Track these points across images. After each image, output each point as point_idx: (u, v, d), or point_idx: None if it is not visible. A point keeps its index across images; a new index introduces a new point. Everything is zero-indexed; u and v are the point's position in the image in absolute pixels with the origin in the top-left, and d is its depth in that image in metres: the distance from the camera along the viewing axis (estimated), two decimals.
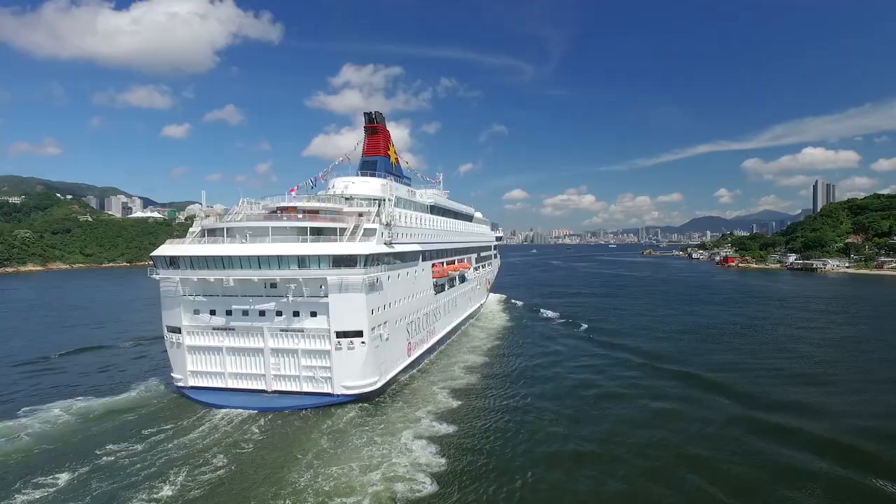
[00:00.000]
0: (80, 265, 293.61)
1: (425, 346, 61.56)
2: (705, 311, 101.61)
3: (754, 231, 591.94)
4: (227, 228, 49.56)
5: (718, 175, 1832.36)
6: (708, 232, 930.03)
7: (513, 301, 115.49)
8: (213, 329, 48.39)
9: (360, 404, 44.75)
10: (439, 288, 69.17)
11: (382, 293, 49.10)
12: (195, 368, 49.18)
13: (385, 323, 49.51)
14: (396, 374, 52.10)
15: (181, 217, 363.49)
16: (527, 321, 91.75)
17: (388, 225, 51.44)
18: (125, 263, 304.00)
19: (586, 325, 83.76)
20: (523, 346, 71.56)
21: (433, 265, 67.18)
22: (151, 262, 49.65)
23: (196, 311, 48.67)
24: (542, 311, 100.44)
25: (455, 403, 45.38)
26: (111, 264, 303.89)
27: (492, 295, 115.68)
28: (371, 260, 46.35)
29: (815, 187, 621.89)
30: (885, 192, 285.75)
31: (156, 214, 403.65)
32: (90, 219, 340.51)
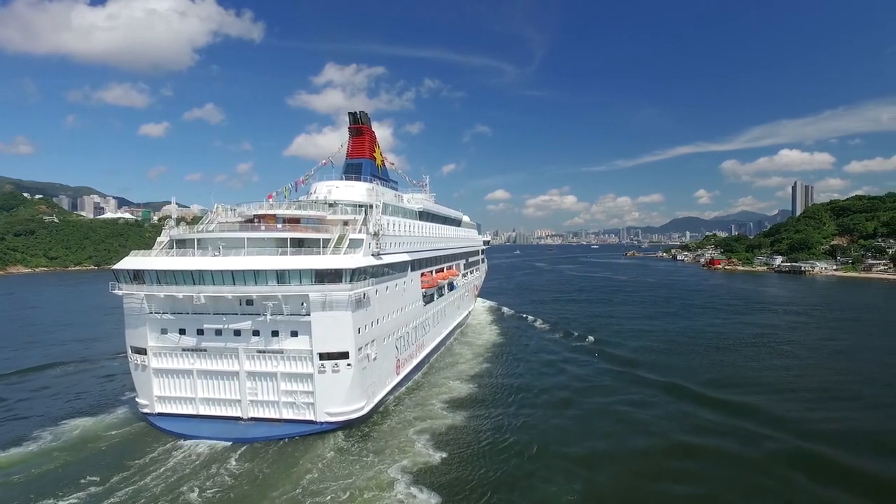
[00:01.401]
0: (44, 269, 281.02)
1: (415, 362, 58.04)
2: (709, 320, 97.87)
3: (733, 231, 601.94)
4: (199, 239, 45.40)
5: (698, 176, 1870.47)
6: (687, 232, 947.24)
7: (502, 309, 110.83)
8: (183, 350, 44.55)
9: (335, 444, 39.65)
10: (428, 298, 65.49)
11: (370, 310, 45.29)
12: (163, 393, 45.21)
13: (373, 341, 45.72)
14: (385, 396, 48.27)
15: (155, 218, 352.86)
16: (519, 334, 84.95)
17: (375, 234, 47.48)
18: (93, 266, 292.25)
19: (592, 338, 77.87)
20: (519, 366, 63.28)
21: (422, 274, 63.51)
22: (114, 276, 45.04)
23: (163, 331, 44.73)
24: (534, 321, 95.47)
25: (438, 456, 37.07)
26: (77, 267, 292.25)
27: (479, 301, 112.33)
28: (357, 274, 42.57)
29: (793, 188, 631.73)
30: (859, 192, 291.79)
31: (127, 215, 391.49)
32: (56, 220, 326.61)
